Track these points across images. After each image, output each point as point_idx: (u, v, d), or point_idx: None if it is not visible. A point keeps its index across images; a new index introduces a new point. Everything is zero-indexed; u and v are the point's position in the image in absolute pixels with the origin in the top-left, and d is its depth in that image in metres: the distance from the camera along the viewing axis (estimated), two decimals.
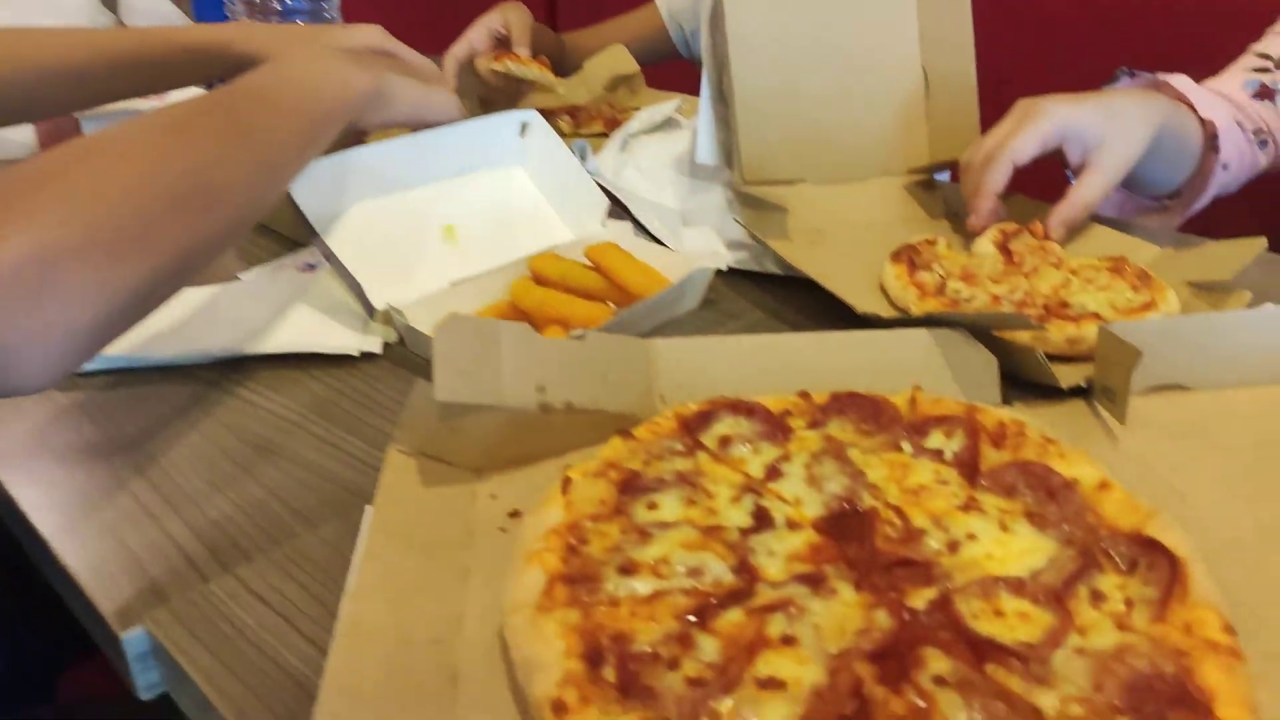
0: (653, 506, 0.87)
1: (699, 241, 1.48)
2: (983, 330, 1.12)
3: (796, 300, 1.38)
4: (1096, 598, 0.76)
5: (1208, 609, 0.73)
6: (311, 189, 1.28)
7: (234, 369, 1.20)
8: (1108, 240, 1.46)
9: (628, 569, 0.79)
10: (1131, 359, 0.99)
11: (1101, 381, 1.07)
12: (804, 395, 1.05)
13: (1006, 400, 1.11)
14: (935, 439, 0.97)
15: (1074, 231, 1.47)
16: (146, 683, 0.82)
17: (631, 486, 0.89)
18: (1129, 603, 0.75)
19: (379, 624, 0.76)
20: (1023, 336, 1.14)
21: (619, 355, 1.05)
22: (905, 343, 1.12)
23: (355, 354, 1.21)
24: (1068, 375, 1.11)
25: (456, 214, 1.40)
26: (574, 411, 0.99)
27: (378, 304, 1.24)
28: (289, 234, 1.51)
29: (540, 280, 1.28)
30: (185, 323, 1.23)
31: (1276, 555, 0.86)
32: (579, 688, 0.67)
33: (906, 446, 0.97)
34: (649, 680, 0.68)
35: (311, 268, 1.36)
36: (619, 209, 1.53)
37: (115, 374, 1.17)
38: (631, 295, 1.26)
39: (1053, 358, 1.12)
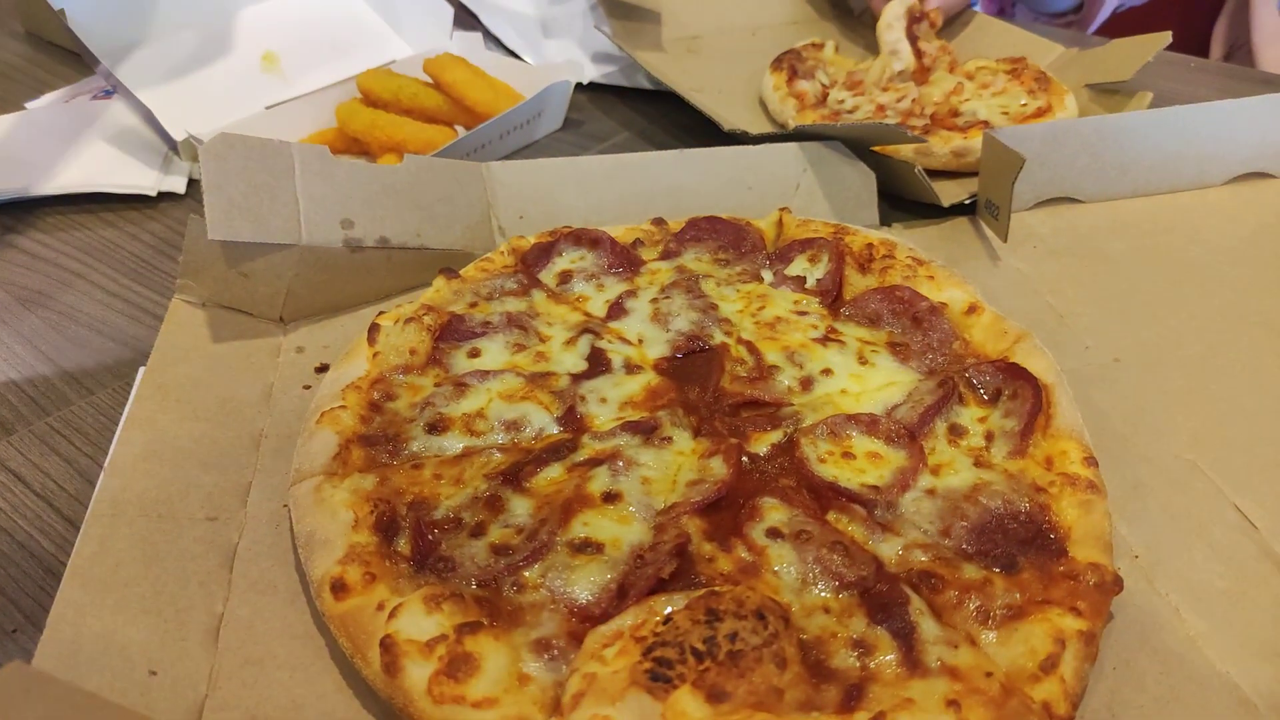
0: (474, 354, 0.77)
1: (561, 55, 1.32)
2: (862, 146, 1.01)
3: (671, 118, 1.24)
4: (955, 433, 0.69)
5: (1070, 440, 0.66)
6: (94, 9, 1.09)
7: (16, 213, 1.04)
8: (1010, 40, 1.34)
9: (437, 426, 0.69)
10: (1014, 166, 0.89)
11: (985, 195, 0.97)
12: (658, 222, 0.94)
13: (887, 221, 1.01)
14: (798, 265, 0.87)
15: (952, 12, 1.36)
16: None
17: (451, 332, 0.78)
18: (989, 436, 0.69)
19: (140, 501, 0.66)
20: (904, 151, 1.04)
21: (448, 183, 0.92)
22: (777, 160, 1.00)
23: (152, 194, 1.06)
24: (953, 192, 1.02)
25: (277, 38, 1.21)
26: (390, 249, 0.87)
27: (176, 134, 1.07)
28: (84, 54, 1.31)
29: (371, 101, 1.11)
30: None
31: (1152, 377, 0.80)
32: (365, 564, 0.58)
33: (767, 275, 0.87)
34: (448, 550, 0.60)
35: (109, 94, 1.18)
36: (468, 18, 1.36)
37: None
38: (479, 116, 1.10)
39: (941, 174, 1.02)
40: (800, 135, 1.01)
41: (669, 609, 0.54)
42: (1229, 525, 0.67)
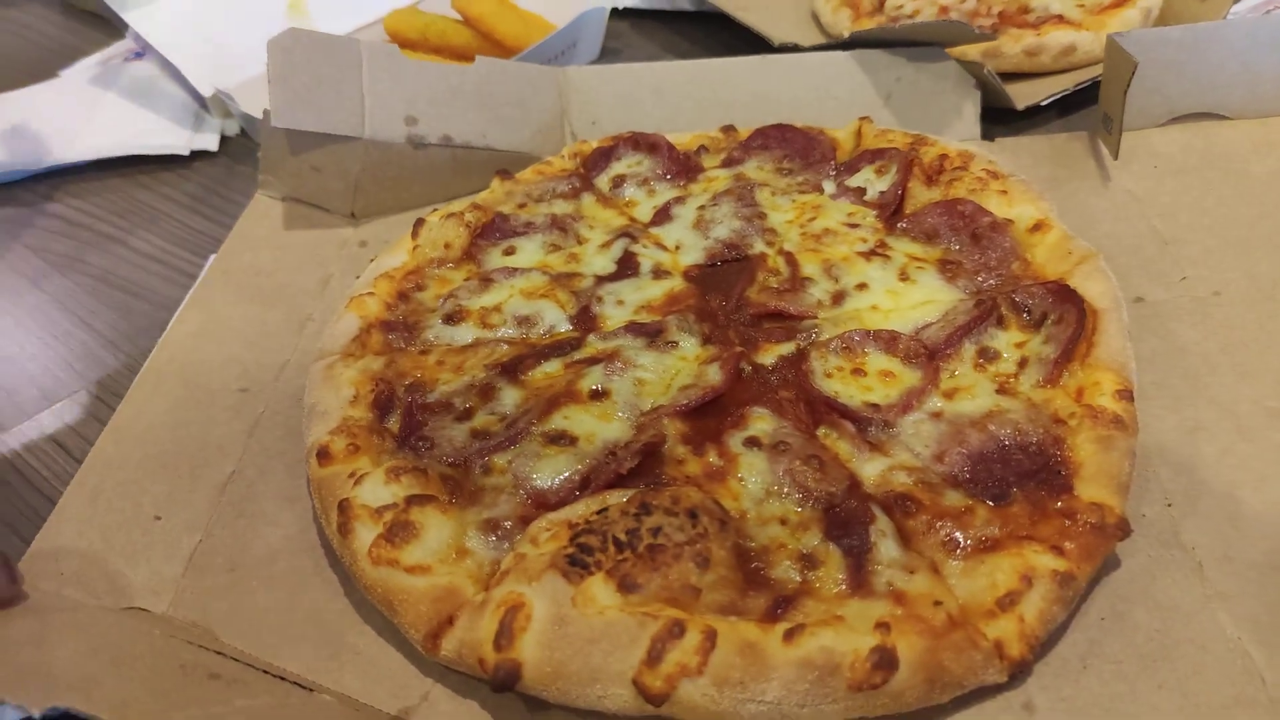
0: (509, 252, 0.78)
1: None
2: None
3: (715, 40, 1.15)
4: (985, 356, 0.63)
5: (1107, 370, 0.59)
6: None
7: (52, 180, 1.07)
8: None
9: (453, 317, 0.71)
10: (1126, 73, 0.79)
11: (1103, 107, 0.86)
12: (727, 129, 0.90)
13: (990, 136, 0.92)
14: (863, 176, 0.81)
15: None
16: None
17: (491, 230, 0.79)
18: (1022, 362, 0.62)
19: (182, 372, 0.72)
20: (972, 53, 0.94)
21: (520, 86, 0.92)
22: (867, 67, 0.93)
23: (185, 153, 1.08)
24: (1027, 94, 0.91)
25: None
26: (454, 148, 0.88)
27: (204, 89, 1.09)
28: (112, 18, 1.31)
29: (399, 41, 1.09)
30: None
31: (1253, 315, 0.69)
32: (353, 436, 0.61)
33: (829, 186, 0.82)
34: (430, 430, 0.61)
35: (139, 56, 1.22)
36: None
37: None
38: (510, 50, 1.07)
39: (1014, 76, 0.92)
40: (856, 43, 0.93)
41: (613, 502, 0.53)
42: None
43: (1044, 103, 0.89)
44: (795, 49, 0.98)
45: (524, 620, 0.48)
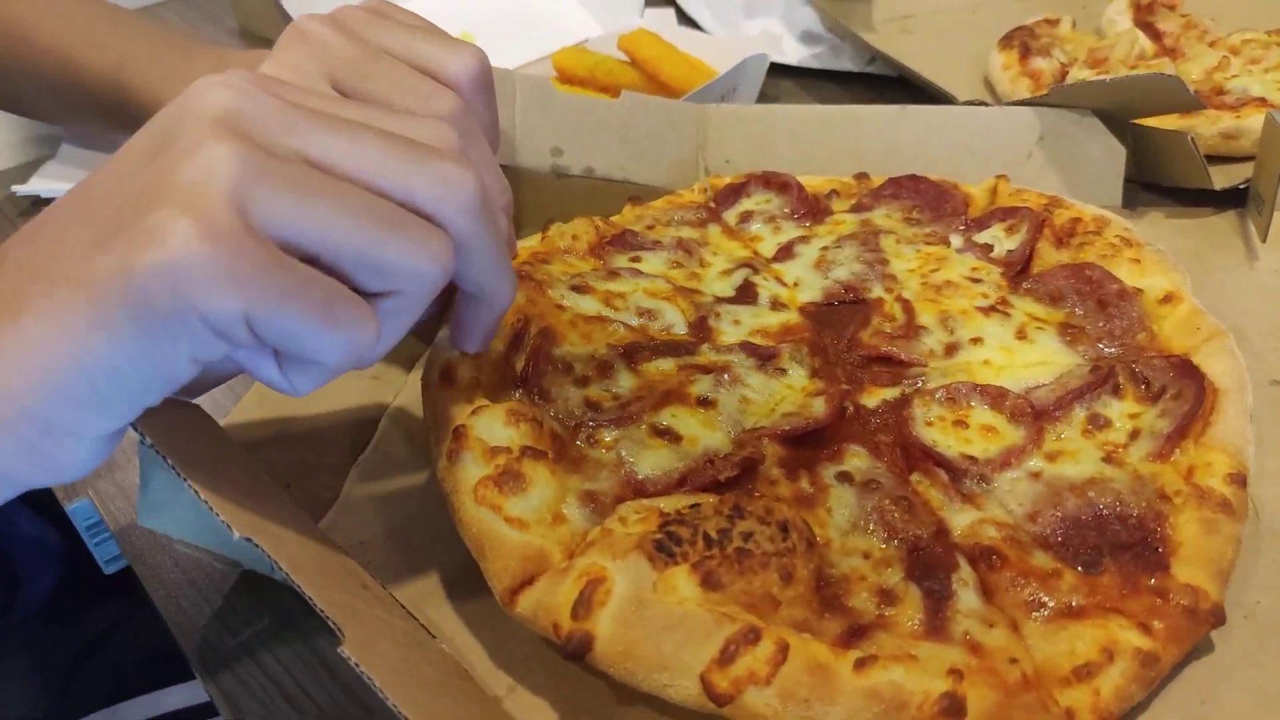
0: (636, 260, 0.81)
1: (761, 34, 1.26)
2: (1118, 119, 0.91)
3: (878, 102, 1.17)
4: (1096, 423, 0.62)
5: (1222, 452, 0.57)
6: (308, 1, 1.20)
7: None
8: (1276, 8, 1.11)
9: (581, 289, 0.74)
10: None
11: (1256, 185, 0.84)
12: (860, 176, 0.91)
13: (1132, 205, 0.90)
14: (992, 233, 0.81)
15: None
16: (105, 555, 0.79)
17: (619, 241, 0.82)
18: (1134, 433, 0.61)
19: None
20: (1170, 123, 0.91)
21: (661, 122, 0.95)
22: (1010, 125, 0.93)
23: None
24: (1220, 179, 0.88)
25: (472, 19, 1.22)
26: (595, 179, 0.93)
27: None
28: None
29: (567, 79, 1.13)
30: None
31: None
32: (479, 368, 0.64)
33: (956, 240, 0.82)
34: (549, 384, 0.64)
35: None
36: None
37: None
38: (674, 92, 1.09)
39: (1207, 159, 0.89)
40: (1052, 98, 0.92)
41: (709, 501, 0.55)
42: None
43: (1241, 186, 0.86)
44: (981, 104, 0.97)
45: (604, 595, 0.49)
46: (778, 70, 1.18)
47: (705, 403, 0.65)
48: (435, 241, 0.43)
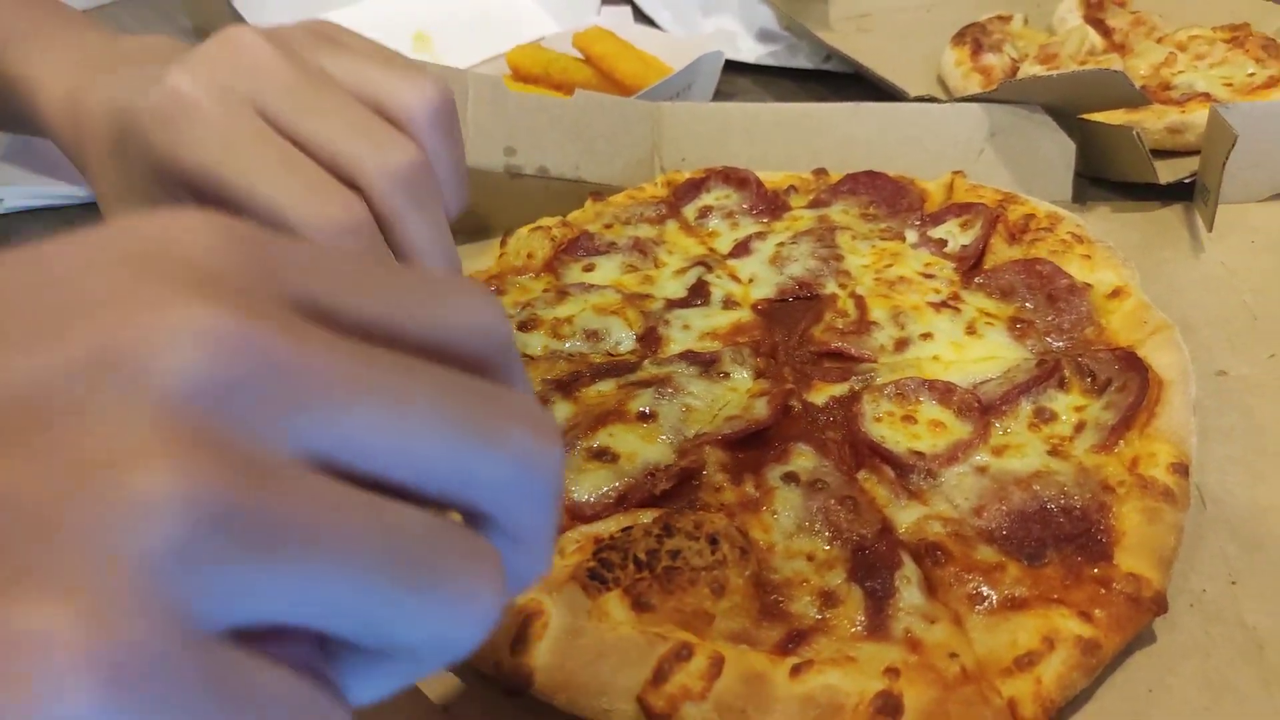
0: (589, 269, 0.81)
1: (718, 32, 1.27)
2: (1065, 115, 0.91)
3: (835, 99, 1.16)
4: (1042, 416, 0.62)
5: (1165, 443, 0.58)
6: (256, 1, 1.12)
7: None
8: (1224, 6, 1.13)
9: (527, 325, 0.74)
10: (1225, 145, 0.77)
11: (1202, 177, 0.84)
12: (819, 172, 0.91)
13: (1081, 200, 0.91)
14: (947, 229, 0.81)
15: None
16: None
17: (575, 247, 0.82)
18: (1079, 426, 0.61)
19: None
20: (1117, 118, 0.92)
21: (614, 120, 0.95)
22: (962, 122, 0.93)
23: None
24: (1166, 173, 0.89)
25: (428, 18, 1.23)
26: (549, 179, 0.92)
27: None
28: None
29: (521, 77, 1.13)
30: None
31: None
32: None
33: (911, 235, 0.82)
34: None
35: None
36: None
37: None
38: (628, 89, 1.09)
39: (1153, 154, 0.90)
40: (1000, 93, 0.92)
41: (641, 521, 0.55)
42: None
43: (1187, 180, 0.87)
44: (932, 100, 0.98)
45: (540, 628, 0.49)
46: (734, 68, 1.18)
47: (645, 417, 0.64)
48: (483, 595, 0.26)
